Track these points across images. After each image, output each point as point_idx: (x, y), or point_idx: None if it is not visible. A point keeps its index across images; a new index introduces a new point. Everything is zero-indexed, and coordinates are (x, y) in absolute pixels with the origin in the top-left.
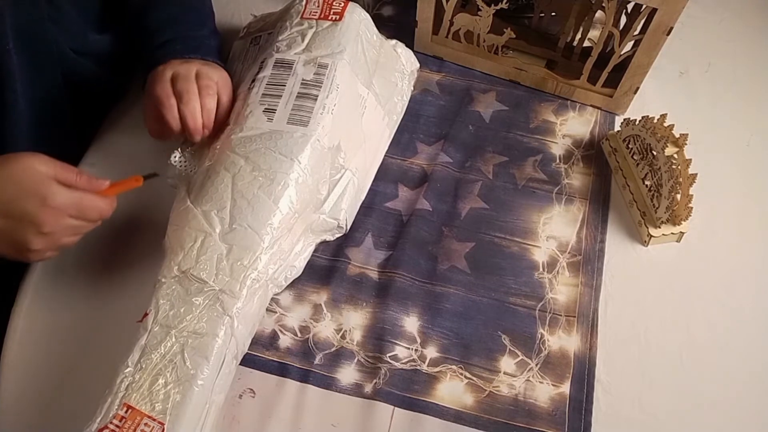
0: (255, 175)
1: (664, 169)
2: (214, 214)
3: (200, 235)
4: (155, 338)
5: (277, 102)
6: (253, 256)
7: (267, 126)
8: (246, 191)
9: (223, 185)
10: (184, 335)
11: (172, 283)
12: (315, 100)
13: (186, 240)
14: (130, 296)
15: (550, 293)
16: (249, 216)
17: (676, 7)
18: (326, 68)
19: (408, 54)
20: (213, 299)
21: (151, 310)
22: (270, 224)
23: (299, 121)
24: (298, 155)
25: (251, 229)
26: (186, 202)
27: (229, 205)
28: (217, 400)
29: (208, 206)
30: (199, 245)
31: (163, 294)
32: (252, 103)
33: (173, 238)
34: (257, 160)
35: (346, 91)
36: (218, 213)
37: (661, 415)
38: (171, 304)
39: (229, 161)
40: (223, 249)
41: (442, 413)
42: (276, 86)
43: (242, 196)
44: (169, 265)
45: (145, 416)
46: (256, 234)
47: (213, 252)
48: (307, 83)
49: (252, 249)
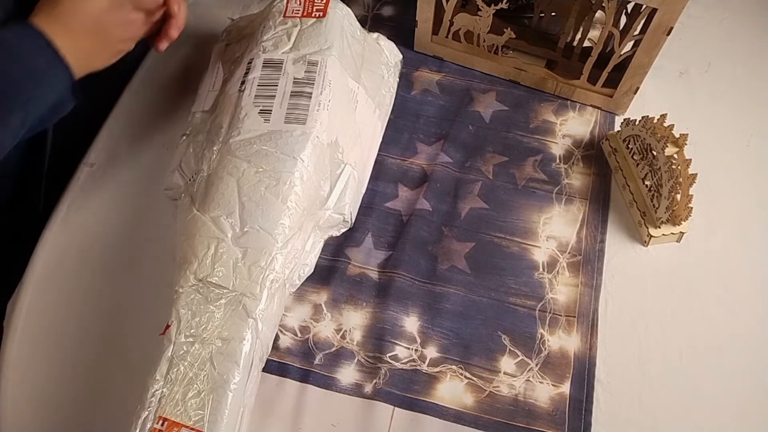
0: (260, 177)
1: (664, 169)
2: (223, 219)
3: (213, 242)
4: (181, 349)
5: (271, 102)
6: (269, 257)
7: (265, 127)
8: (253, 194)
9: (228, 190)
10: (211, 342)
11: (191, 292)
12: (310, 98)
13: (199, 248)
14: (131, 296)
15: (550, 293)
16: (260, 218)
17: (676, 7)
18: (316, 65)
19: (390, 46)
20: (235, 303)
21: (173, 321)
22: (282, 224)
23: (297, 120)
24: (300, 153)
25: (264, 231)
26: (192, 211)
27: (238, 209)
28: (249, 404)
29: (217, 212)
30: (213, 252)
31: (183, 304)
32: (246, 106)
33: (186, 248)
34: (260, 162)
35: (338, 87)
36: (228, 218)
37: (661, 415)
38: (192, 313)
39: (231, 165)
40: (238, 253)
41: (442, 413)
42: (268, 87)
43: (250, 198)
44: (185, 275)
45: (183, 426)
46: (269, 235)
47: (228, 257)
48: (299, 81)
49: (267, 250)
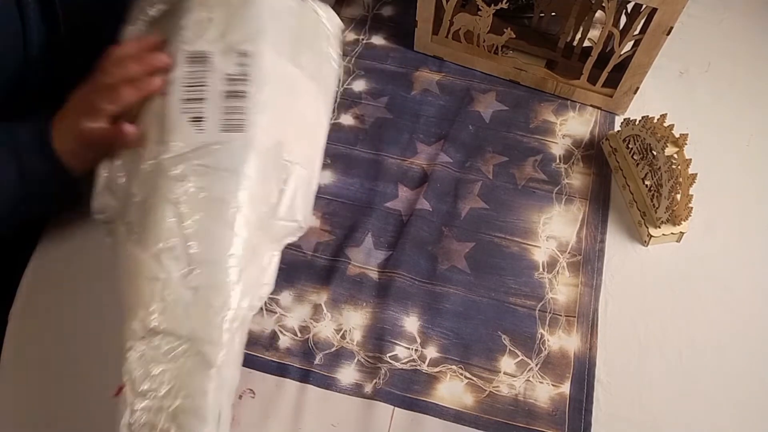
0: (201, 201)
1: (664, 169)
2: (166, 256)
3: (157, 285)
4: (140, 415)
5: (202, 108)
6: (224, 294)
7: (198, 139)
8: (195, 223)
9: (167, 220)
10: (172, 401)
11: (141, 346)
12: (246, 98)
13: (143, 293)
14: None
15: (550, 293)
16: (206, 251)
17: (676, 7)
18: (249, 56)
19: (329, 13)
20: (192, 354)
21: (125, 382)
22: (232, 255)
23: (235, 127)
24: (243, 167)
25: (213, 265)
26: (131, 248)
27: (181, 242)
28: None
29: (156, 249)
30: (160, 297)
31: (134, 360)
32: (173, 113)
33: (129, 294)
34: (198, 183)
35: (277, 78)
36: (170, 254)
37: (661, 415)
38: (145, 370)
39: (165, 189)
40: (188, 295)
41: (442, 413)
42: (195, 88)
43: (192, 229)
44: (132, 327)
45: None
46: (220, 269)
47: (177, 301)
48: (232, 78)
49: (220, 287)
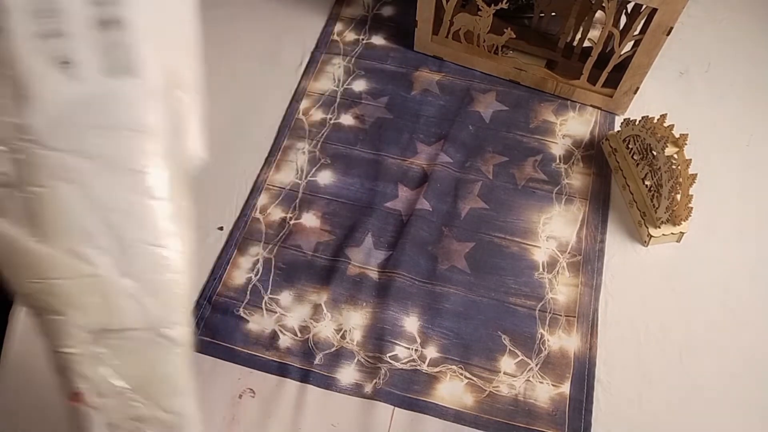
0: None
1: (664, 169)
2: (86, 248)
3: (86, 281)
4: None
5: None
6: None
7: (76, 90)
8: (111, 200)
9: (72, 205)
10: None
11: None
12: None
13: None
14: None
15: (550, 293)
16: (135, 230)
17: (676, 7)
18: None
19: None
20: (153, 341)
21: (81, 389)
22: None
23: (120, 67)
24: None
25: (148, 245)
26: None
27: (99, 227)
28: None
29: (72, 241)
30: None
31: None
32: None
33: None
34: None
35: None
36: (91, 244)
37: (661, 415)
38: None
39: (57, 166)
40: (128, 283)
41: (442, 413)
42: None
43: (109, 208)
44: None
45: None
46: (156, 246)
47: (117, 293)
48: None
49: (163, 264)
